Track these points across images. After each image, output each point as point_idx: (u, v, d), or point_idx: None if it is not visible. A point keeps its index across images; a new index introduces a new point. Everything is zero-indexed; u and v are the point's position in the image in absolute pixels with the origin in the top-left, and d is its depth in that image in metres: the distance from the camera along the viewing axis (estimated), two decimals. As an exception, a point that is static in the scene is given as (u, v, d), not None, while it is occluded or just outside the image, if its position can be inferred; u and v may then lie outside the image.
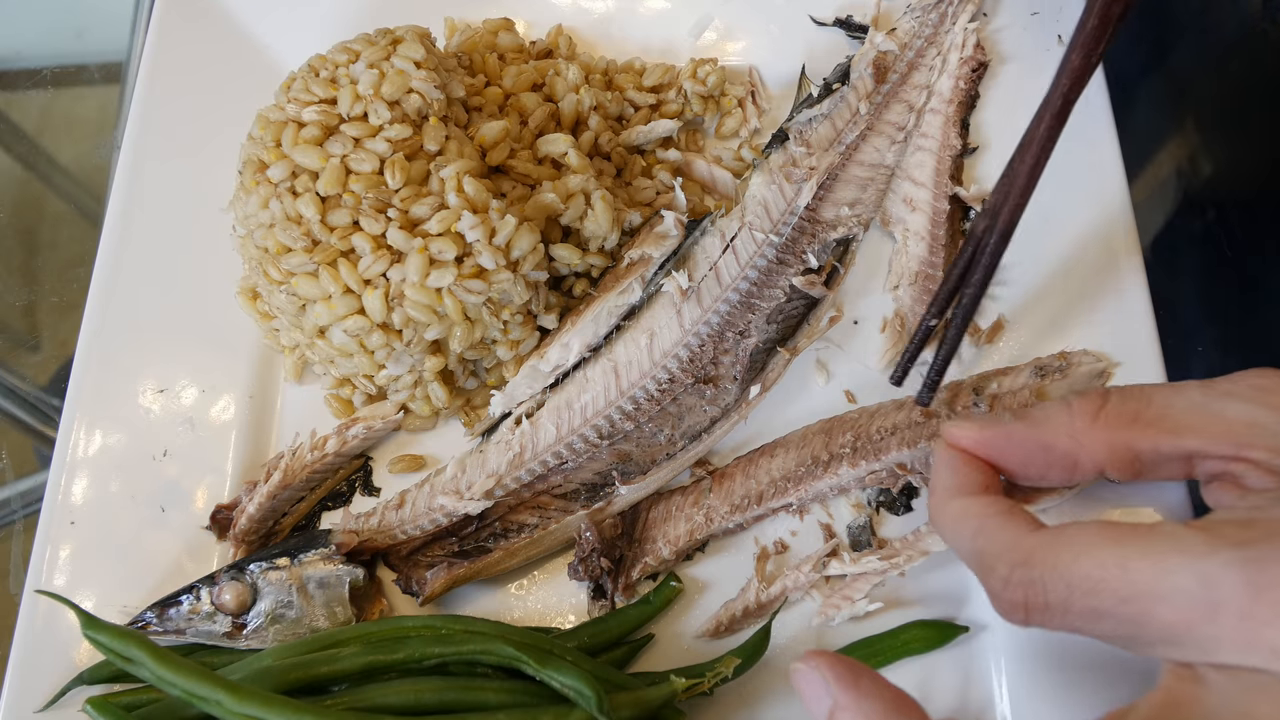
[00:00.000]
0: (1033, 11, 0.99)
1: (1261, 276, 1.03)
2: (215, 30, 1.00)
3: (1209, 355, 1.00)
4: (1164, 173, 1.10)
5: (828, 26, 1.01)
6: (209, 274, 0.91)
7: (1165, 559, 0.54)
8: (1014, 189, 0.77)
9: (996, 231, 0.77)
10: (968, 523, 0.64)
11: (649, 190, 0.95)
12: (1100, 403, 0.66)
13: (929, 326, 0.81)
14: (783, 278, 0.88)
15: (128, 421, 0.86)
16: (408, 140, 0.81)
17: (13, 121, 1.20)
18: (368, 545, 0.82)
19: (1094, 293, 0.87)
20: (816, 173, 0.91)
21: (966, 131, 0.94)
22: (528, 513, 0.84)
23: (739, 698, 0.78)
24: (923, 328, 0.81)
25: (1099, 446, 0.65)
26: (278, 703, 0.65)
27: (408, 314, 0.80)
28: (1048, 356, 0.85)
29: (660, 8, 1.04)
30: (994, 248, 0.78)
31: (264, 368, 0.90)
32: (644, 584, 0.83)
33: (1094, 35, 0.75)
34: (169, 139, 0.96)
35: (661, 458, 0.84)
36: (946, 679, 0.78)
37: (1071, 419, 0.66)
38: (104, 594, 0.80)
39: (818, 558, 0.81)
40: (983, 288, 0.79)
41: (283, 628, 0.77)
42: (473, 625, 0.74)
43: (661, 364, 0.85)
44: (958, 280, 0.80)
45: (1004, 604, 0.61)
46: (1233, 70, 1.09)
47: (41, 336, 1.07)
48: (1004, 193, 0.78)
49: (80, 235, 1.11)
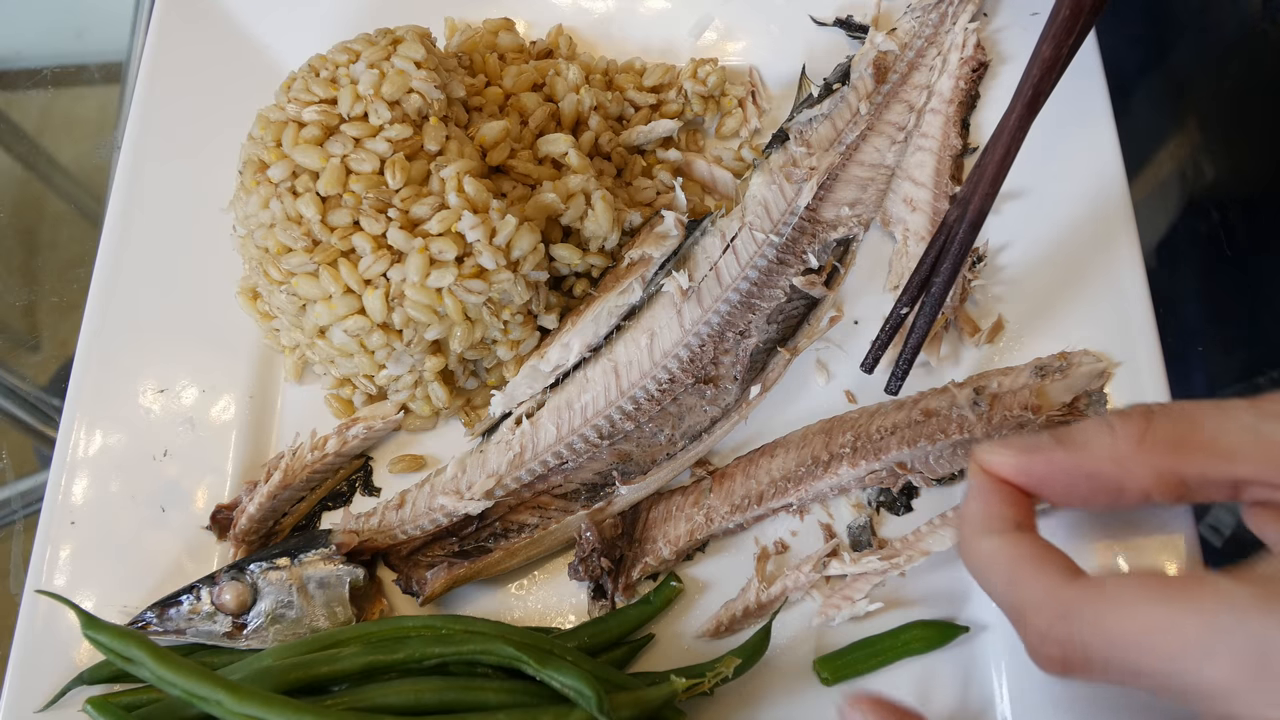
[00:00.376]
0: (1033, 12, 0.99)
1: (1262, 276, 1.03)
2: (215, 30, 1.00)
3: (1209, 355, 1.00)
4: (1164, 173, 1.10)
5: (828, 26, 1.01)
6: (209, 274, 0.91)
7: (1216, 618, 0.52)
8: (984, 179, 0.77)
9: (966, 221, 0.77)
10: (1000, 566, 0.61)
11: (649, 190, 0.95)
12: (1145, 425, 0.62)
13: (900, 315, 0.82)
14: (783, 278, 0.88)
15: (128, 421, 0.86)
16: (408, 140, 0.81)
17: (13, 121, 1.20)
18: (368, 545, 0.82)
19: (1094, 293, 0.86)
20: (817, 173, 0.91)
21: (967, 131, 0.94)
22: (528, 513, 0.84)
23: (739, 698, 0.78)
24: (894, 316, 0.82)
25: (1145, 473, 0.61)
26: (278, 703, 0.65)
27: (408, 314, 0.80)
28: (1048, 356, 0.85)
29: (660, 8, 1.04)
30: (963, 237, 0.78)
31: (264, 368, 0.90)
32: (644, 584, 0.83)
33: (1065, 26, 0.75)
34: (169, 139, 0.96)
35: (662, 458, 0.84)
36: (946, 679, 0.78)
37: (1115, 443, 0.62)
38: (104, 594, 0.80)
39: (818, 558, 0.81)
40: (952, 276, 0.79)
41: (283, 628, 0.77)
42: (473, 625, 0.74)
43: (662, 364, 0.85)
44: (929, 269, 0.80)
45: (1041, 658, 0.59)
46: (1233, 70, 1.09)
47: (41, 336, 1.07)
48: (974, 183, 0.78)
49: (80, 235, 1.11)
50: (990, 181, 0.76)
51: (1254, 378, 0.98)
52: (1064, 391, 0.83)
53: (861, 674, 0.78)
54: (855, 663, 0.78)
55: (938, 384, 0.86)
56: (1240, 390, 0.99)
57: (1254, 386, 0.98)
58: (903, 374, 0.81)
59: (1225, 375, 1.00)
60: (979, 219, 0.77)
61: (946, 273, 0.78)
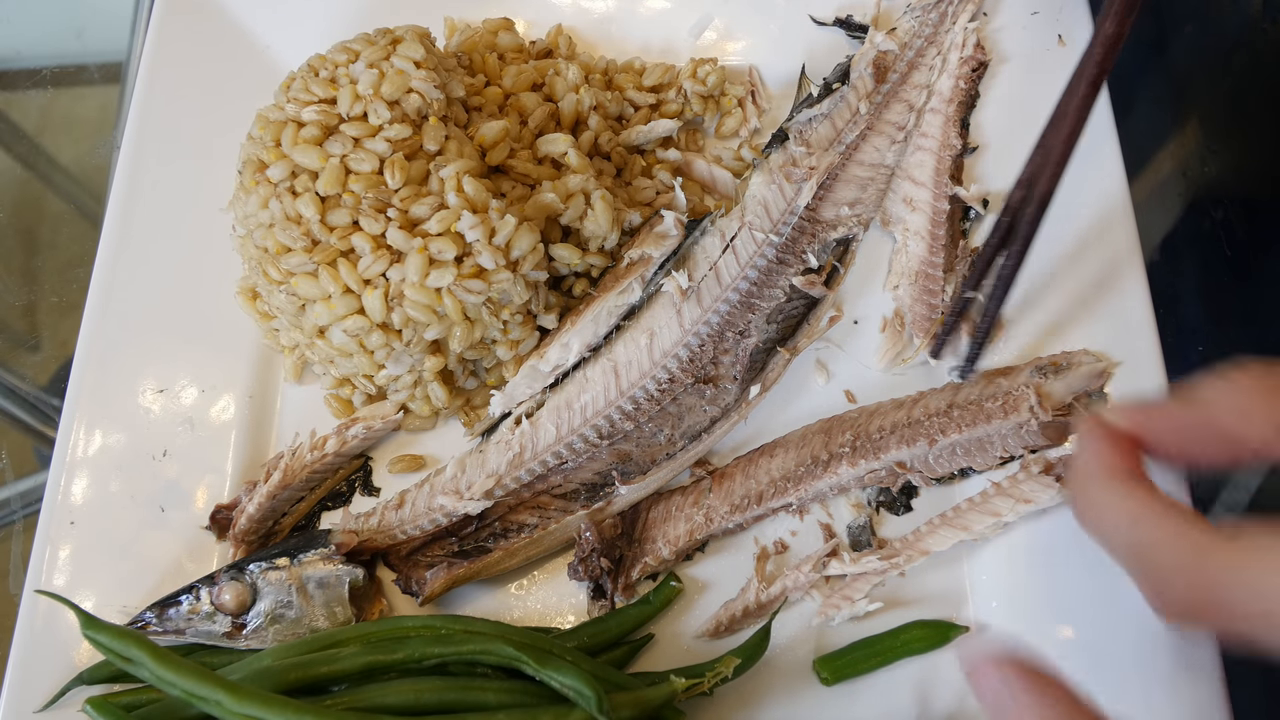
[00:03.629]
0: (1033, 11, 0.99)
1: (1262, 276, 1.03)
2: (215, 30, 1.00)
3: (1209, 355, 1.00)
4: (1164, 173, 1.10)
5: (828, 26, 1.01)
6: (209, 274, 0.91)
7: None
8: (1049, 160, 0.78)
9: (1035, 201, 0.78)
10: (1122, 508, 0.60)
11: (649, 190, 0.94)
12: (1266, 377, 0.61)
13: (966, 298, 0.82)
14: (783, 277, 0.88)
15: (128, 421, 0.86)
16: (407, 140, 0.81)
17: (13, 121, 1.20)
18: (367, 545, 0.82)
19: (1094, 293, 0.86)
20: (816, 173, 0.91)
21: (966, 131, 0.94)
22: (528, 513, 0.84)
23: (739, 698, 0.78)
24: (960, 299, 0.82)
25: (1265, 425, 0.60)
26: (277, 703, 0.65)
27: (407, 314, 0.80)
28: (1048, 356, 0.85)
29: (660, 8, 1.04)
30: (1032, 216, 0.79)
31: (264, 368, 0.90)
32: (644, 584, 0.83)
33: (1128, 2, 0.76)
34: (169, 139, 0.96)
35: (661, 458, 0.84)
36: (946, 679, 0.78)
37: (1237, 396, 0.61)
38: (104, 594, 0.80)
39: (818, 558, 0.81)
40: (1022, 256, 0.80)
41: (282, 628, 0.77)
42: (473, 625, 0.74)
43: (661, 364, 0.85)
44: (994, 250, 0.81)
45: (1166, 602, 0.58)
46: (1233, 70, 1.09)
47: (41, 336, 1.07)
48: (1038, 164, 0.79)
49: (80, 235, 1.11)
50: (1058, 161, 0.78)
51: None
52: (1064, 391, 0.83)
53: (861, 674, 0.78)
54: (855, 663, 0.78)
55: (937, 384, 0.87)
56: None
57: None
58: (974, 358, 0.82)
59: (1225, 375, 0.99)
60: (1047, 198, 0.79)
61: (1017, 253, 0.80)
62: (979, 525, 0.80)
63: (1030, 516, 0.80)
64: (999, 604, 0.80)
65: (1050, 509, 0.80)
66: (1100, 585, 0.77)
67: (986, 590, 0.80)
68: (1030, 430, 0.82)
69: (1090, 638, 0.76)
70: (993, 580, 0.80)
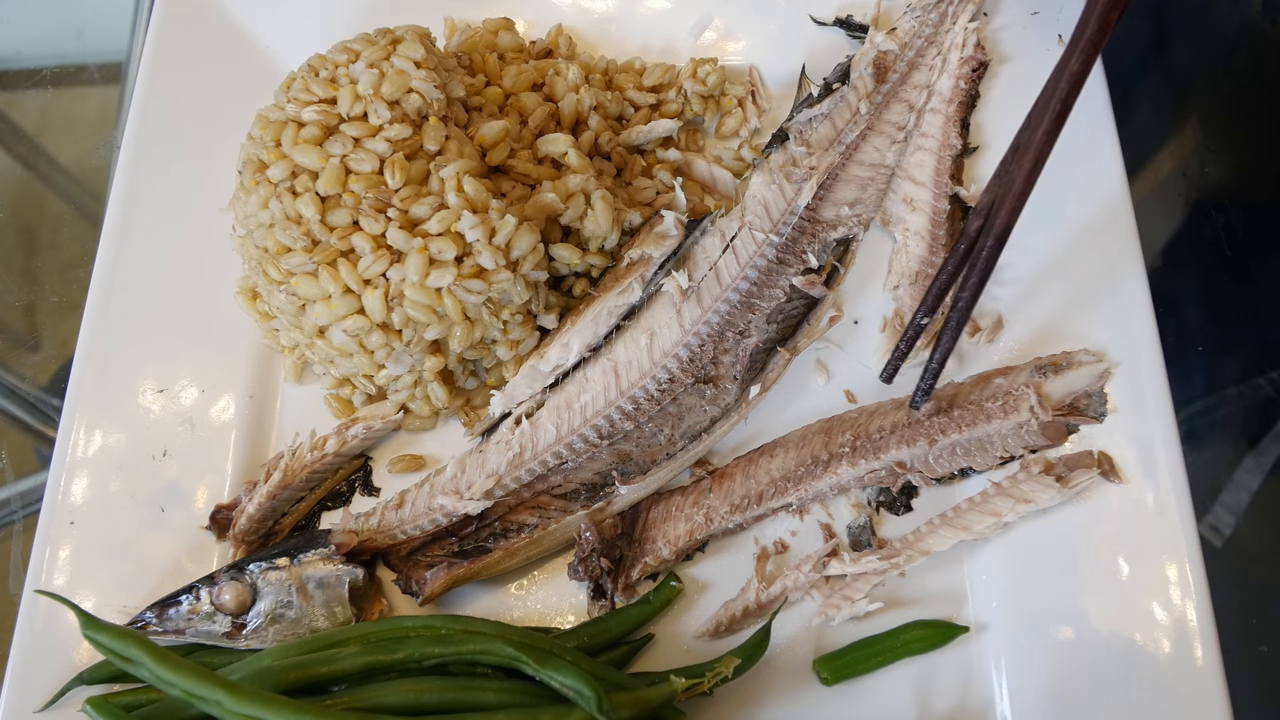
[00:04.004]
0: (1033, 11, 0.99)
1: (1262, 276, 1.03)
2: (215, 30, 1.00)
3: (1209, 355, 1.00)
4: (1164, 173, 1.10)
5: (828, 26, 1.01)
6: (209, 274, 0.91)
7: None
8: (1010, 193, 0.77)
9: (992, 235, 0.77)
10: None
11: (649, 190, 0.94)
12: None
13: (920, 324, 0.81)
14: (783, 277, 0.88)
15: (128, 421, 0.86)
16: (408, 140, 0.81)
17: (13, 121, 1.20)
18: (367, 545, 0.82)
19: (1094, 293, 0.86)
20: (816, 173, 0.91)
21: (966, 131, 0.94)
22: (528, 513, 0.84)
23: (739, 698, 0.78)
24: (914, 325, 0.81)
25: None
26: (277, 703, 0.65)
27: (407, 314, 0.80)
28: (1047, 356, 0.85)
29: (660, 8, 1.04)
30: (989, 252, 0.77)
31: (264, 368, 0.90)
32: (644, 584, 0.83)
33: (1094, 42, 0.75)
34: (169, 139, 0.96)
35: (661, 458, 0.84)
36: (946, 679, 0.78)
37: None
38: (104, 594, 0.80)
39: (818, 558, 0.81)
40: (977, 291, 0.79)
41: (282, 628, 0.77)
42: (473, 625, 0.74)
43: (661, 364, 0.85)
44: (949, 277, 0.80)
45: None
46: (1233, 70, 1.09)
47: (41, 336, 1.07)
48: (998, 195, 0.78)
49: (80, 235, 1.11)
50: (1017, 196, 0.76)
51: (1254, 378, 0.98)
52: (1064, 391, 0.83)
53: (861, 674, 0.78)
54: (855, 663, 0.78)
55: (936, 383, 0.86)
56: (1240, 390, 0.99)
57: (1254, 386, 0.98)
58: (928, 389, 0.81)
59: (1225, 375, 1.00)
60: (1004, 233, 0.77)
61: (973, 287, 0.78)
62: (979, 525, 0.80)
63: (1030, 516, 0.80)
64: (999, 604, 0.80)
65: (1050, 509, 0.80)
66: (1100, 586, 0.78)
67: (986, 590, 0.80)
68: (1030, 430, 0.82)
69: (1090, 638, 0.76)
70: (993, 580, 0.80)
